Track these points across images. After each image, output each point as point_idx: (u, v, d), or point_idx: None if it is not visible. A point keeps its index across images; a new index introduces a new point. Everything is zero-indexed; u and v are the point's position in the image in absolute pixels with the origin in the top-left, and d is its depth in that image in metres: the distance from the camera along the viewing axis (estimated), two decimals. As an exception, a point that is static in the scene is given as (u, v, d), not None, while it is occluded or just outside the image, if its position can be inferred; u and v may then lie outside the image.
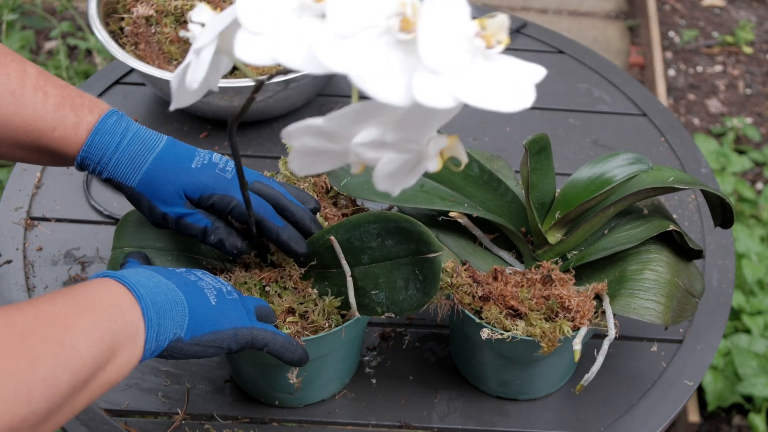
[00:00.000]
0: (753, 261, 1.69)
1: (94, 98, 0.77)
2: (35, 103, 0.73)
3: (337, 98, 1.20)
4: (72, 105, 0.74)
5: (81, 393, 0.58)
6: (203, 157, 0.77)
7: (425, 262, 0.73)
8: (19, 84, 0.73)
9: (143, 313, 0.64)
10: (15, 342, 0.54)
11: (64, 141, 0.74)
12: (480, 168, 0.85)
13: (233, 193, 0.76)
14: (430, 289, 0.73)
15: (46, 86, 0.74)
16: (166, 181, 0.75)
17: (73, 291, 0.62)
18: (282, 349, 0.72)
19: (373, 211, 0.76)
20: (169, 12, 1.08)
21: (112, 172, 0.75)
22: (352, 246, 0.76)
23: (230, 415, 0.86)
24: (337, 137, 0.47)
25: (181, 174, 0.75)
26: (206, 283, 0.71)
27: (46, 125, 0.73)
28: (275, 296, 0.77)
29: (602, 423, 0.87)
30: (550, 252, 0.84)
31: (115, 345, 0.61)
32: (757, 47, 2.45)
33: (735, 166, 1.96)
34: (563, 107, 1.21)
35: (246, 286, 0.77)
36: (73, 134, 0.74)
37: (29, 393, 0.53)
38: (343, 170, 0.83)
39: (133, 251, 0.77)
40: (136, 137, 0.75)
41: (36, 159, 0.76)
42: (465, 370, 0.90)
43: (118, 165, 0.75)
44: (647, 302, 0.77)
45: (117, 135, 0.75)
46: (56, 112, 0.73)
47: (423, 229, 0.73)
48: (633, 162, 0.83)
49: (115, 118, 0.75)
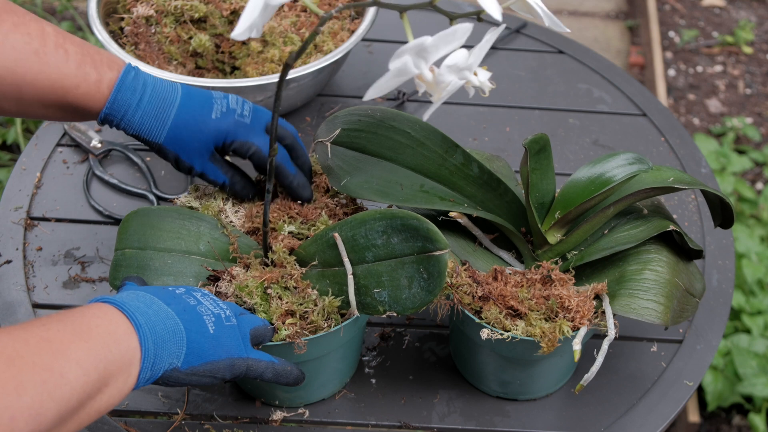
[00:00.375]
0: (753, 261, 1.69)
1: (110, 54, 0.79)
2: (58, 61, 0.75)
3: (337, 98, 1.20)
4: (92, 62, 0.76)
5: (69, 421, 0.57)
6: (221, 104, 0.80)
7: (431, 260, 0.73)
8: (41, 43, 0.74)
9: (140, 342, 0.63)
10: (2, 367, 0.53)
11: (87, 97, 0.76)
12: (480, 168, 0.85)
13: (253, 139, 0.80)
14: (434, 287, 0.73)
15: (65, 43, 0.75)
16: (191, 136, 0.79)
17: (69, 315, 0.61)
18: (276, 377, 0.73)
19: (380, 208, 0.76)
20: (169, 12, 1.08)
21: (138, 128, 0.79)
22: (357, 243, 0.76)
23: (230, 415, 0.86)
24: (425, 58, 0.59)
25: (203, 127, 0.79)
26: (205, 308, 0.70)
27: (70, 82, 0.75)
28: (276, 298, 0.77)
29: (602, 423, 0.87)
30: (550, 252, 0.84)
31: (108, 374, 0.60)
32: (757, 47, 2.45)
33: (735, 166, 1.96)
34: (563, 107, 1.21)
35: (247, 290, 0.77)
36: (96, 91, 0.77)
37: (12, 420, 0.52)
38: (343, 170, 0.83)
39: (131, 275, 0.77)
40: (155, 93, 0.79)
41: (59, 116, 0.79)
42: (465, 370, 0.90)
43: (142, 122, 0.78)
44: (647, 302, 0.77)
45: (137, 91, 0.78)
46: (78, 69, 0.76)
47: (430, 226, 0.73)
48: (633, 162, 0.83)
49: (134, 74, 0.79)
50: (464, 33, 0.59)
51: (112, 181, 1.07)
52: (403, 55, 0.58)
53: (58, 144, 1.12)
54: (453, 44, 0.59)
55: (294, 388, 0.84)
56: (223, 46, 1.10)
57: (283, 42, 1.10)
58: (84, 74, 0.76)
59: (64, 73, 0.75)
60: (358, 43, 1.09)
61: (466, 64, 0.60)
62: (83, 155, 1.11)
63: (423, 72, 0.60)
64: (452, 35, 0.58)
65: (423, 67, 0.59)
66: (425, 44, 0.58)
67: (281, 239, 0.81)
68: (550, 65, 1.28)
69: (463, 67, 0.61)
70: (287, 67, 0.66)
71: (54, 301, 0.95)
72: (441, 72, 0.60)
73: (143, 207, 0.83)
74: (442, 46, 0.59)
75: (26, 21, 0.74)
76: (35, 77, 0.74)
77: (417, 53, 0.58)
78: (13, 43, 0.72)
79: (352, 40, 1.08)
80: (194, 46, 1.09)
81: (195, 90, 0.81)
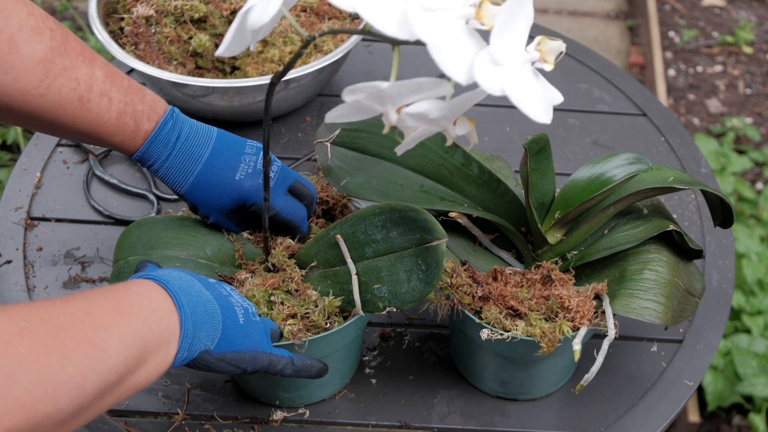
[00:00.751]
0: (753, 261, 1.69)
1: (154, 100, 0.80)
2: (100, 109, 0.76)
3: (337, 98, 1.20)
4: (133, 113, 0.78)
5: (108, 395, 0.58)
6: (248, 164, 0.81)
7: (428, 250, 0.73)
8: (86, 89, 0.75)
9: (181, 322, 0.64)
10: (47, 338, 0.54)
11: (122, 145, 0.79)
12: (480, 168, 0.85)
13: (274, 202, 0.81)
14: (432, 278, 0.73)
15: (111, 91, 0.77)
16: (211, 195, 0.81)
17: (112, 291, 0.62)
18: (296, 372, 0.74)
19: (378, 203, 0.76)
20: (169, 12, 1.08)
21: (164, 177, 0.81)
22: (357, 240, 0.76)
23: (230, 415, 0.86)
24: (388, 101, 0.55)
25: (225, 189, 0.81)
26: (235, 300, 0.72)
27: (108, 131, 0.77)
28: (279, 304, 0.77)
29: (602, 423, 0.87)
30: (549, 252, 0.84)
31: (147, 350, 0.60)
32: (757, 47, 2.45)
33: (735, 166, 1.96)
34: (563, 107, 1.21)
35: (255, 300, 0.77)
36: (131, 141, 0.79)
37: (56, 391, 0.53)
38: (343, 171, 0.83)
39: (148, 261, 0.77)
40: (186, 146, 0.80)
41: (96, 144, 0.81)
42: (465, 370, 0.90)
43: (168, 174, 0.81)
44: (647, 302, 0.77)
45: (169, 145, 0.80)
46: (118, 119, 0.77)
47: (428, 216, 0.73)
48: (633, 162, 0.83)
49: (171, 125, 0.80)
50: (430, 86, 0.55)
51: (112, 181, 1.07)
52: (357, 93, 0.54)
53: (58, 144, 1.12)
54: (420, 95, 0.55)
55: (294, 389, 0.84)
56: (223, 46, 1.10)
57: (283, 42, 1.10)
58: (122, 124, 0.78)
59: (104, 122, 0.77)
60: (358, 43, 1.09)
61: (434, 116, 0.56)
62: (83, 155, 1.11)
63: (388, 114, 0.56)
64: (416, 86, 0.54)
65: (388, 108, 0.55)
66: (381, 89, 0.54)
67: (280, 242, 0.82)
68: (550, 65, 1.27)
69: (432, 119, 0.56)
70: (272, 86, 0.66)
71: (54, 301, 0.95)
72: (403, 118, 0.56)
73: (144, 218, 0.84)
74: (406, 94, 0.55)
75: (77, 64, 0.75)
76: (75, 121, 0.76)
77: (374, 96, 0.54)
78: (59, 88, 0.74)
79: (352, 40, 1.08)
80: (194, 46, 1.09)
81: (228, 143, 0.82)
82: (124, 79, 0.79)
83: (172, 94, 1.08)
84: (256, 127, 1.16)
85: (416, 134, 0.58)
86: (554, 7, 2.58)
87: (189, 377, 0.89)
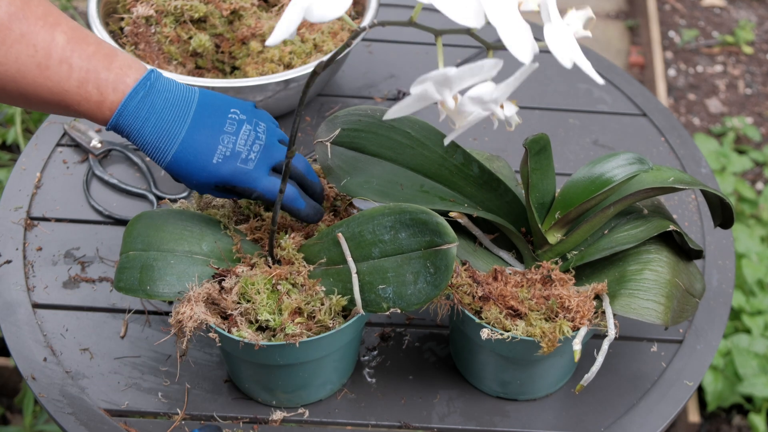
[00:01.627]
0: (753, 261, 1.69)
1: (123, 67, 0.76)
2: (60, 77, 0.74)
3: (337, 98, 1.20)
4: (96, 81, 0.74)
5: None
6: (227, 144, 0.77)
7: (438, 254, 0.73)
8: (45, 56, 0.73)
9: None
10: None
11: (90, 115, 0.76)
12: (480, 168, 0.85)
13: (255, 185, 0.78)
14: (441, 282, 0.73)
15: (72, 58, 0.74)
16: (191, 174, 0.78)
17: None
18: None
19: (387, 204, 0.76)
20: (169, 12, 1.08)
21: (143, 150, 0.78)
22: (364, 239, 0.76)
23: (230, 415, 0.86)
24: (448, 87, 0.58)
25: (202, 172, 0.77)
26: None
27: (72, 99, 0.75)
28: (285, 294, 0.77)
29: (602, 423, 0.87)
30: (550, 252, 0.84)
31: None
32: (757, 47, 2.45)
33: (735, 166, 1.96)
34: (563, 107, 1.21)
35: (255, 288, 0.77)
36: (98, 110, 0.75)
37: None
38: (343, 170, 0.83)
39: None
40: (160, 122, 0.76)
41: (70, 115, 0.78)
42: (465, 370, 0.90)
43: (145, 147, 0.77)
44: (647, 302, 0.77)
45: (139, 120, 0.76)
46: (79, 88, 0.74)
47: (440, 220, 0.73)
48: (633, 162, 0.83)
49: (140, 97, 0.76)
50: (491, 68, 0.58)
51: (112, 181, 1.07)
52: (426, 81, 0.58)
53: (58, 144, 1.12)
54: (479, 77, 0.58)
55: (292, 389, 0.84)
56: (223, 46, 1.10)
57: (282, 42, 1.10)
58: (86, 93, 0.75)
59: (66, 90, 0.74)
60: (358, 43, 1.09)
61: (491, 97, 0.59)
62: (83, 155, 1.11)
63: (446, 100, 0.59)
64: (479, 69, 0.58)
65: (446, 95, 0.59)
66: (449, 75, 0.57)
67: (292, 236, 0.81)
68: (550, 65, 1.28)
69: (487, 101, 0.60)
70: (315, 74, 0.67)
71: (54, 301, 0.95)
72: (463, 102, 0.59)
73: (147, 210, 0.83)
74: (467, 77, 0.58)
75: (36, 30, 0.73)
76: (37, 90, 0.74)
77: (440, 83, 0.58)
78: (17, 55, 0.72)
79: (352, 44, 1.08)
80: (194, 46, 1.09)
81: (207, 119, 0.78)
82: (91, 44, 0.75)
83: (172, 94, 1.08)
84: (256, 127, 1.16)
85: (467, 121, 0.61)
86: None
87: (189, 377, 0.89)
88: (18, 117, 1.74)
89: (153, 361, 0.90)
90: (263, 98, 1.07)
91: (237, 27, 1.10)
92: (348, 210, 0.88)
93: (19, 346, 0.90)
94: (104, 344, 0.92)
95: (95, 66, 0.74)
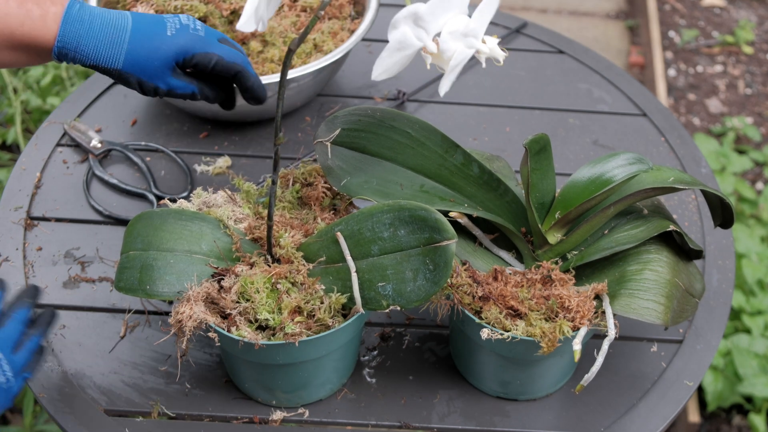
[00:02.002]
0: (753, 261, 1.69)
1: None
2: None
3: (337, 98, 1.20)
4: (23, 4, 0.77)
5: None
6: (173, 22, 0.81)
7: (437, 250, 0.73)
8: None
9: None
10: None
11: (35, 34, 0.77)
12: (480, 168, 0.85)
13: (212, 50, 0.81)
14: (440, 278, 0.73)
15: None
16: (149, 56, 0.79)
17: None
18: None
19: (386, 202, 0.76)
20: (169, 12, 1.08)
21: (94, 57, 0.79)
22: (363, 237, 0.76)
23: (230, 415, 0.86)
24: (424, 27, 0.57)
25: (161, 45, 0.79)
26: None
27: (14, 21, 0.76)
28: (284, 293, 0.77)
29: (602, 423, 0.87)
30: (550, 252, 0.84)
31: None
32: (757, 47, 2.45)
33: (735, 166, 1.96)
34: (563, 107, 1.21)
35: (255, 287, 0.77)
36: (42, 26, 0.77)
37: None
38: (343, 170, 0.83)
39: None
40: (105, 21, 0.79)
41: (15, 59, 0.79)
42: (465, 370, 0.90)
43: (97, 50, 0.78)
44: (647, 302, 0.77)
45: (85, 21, 0.78)
46: (20, 8, 0.76)
47: (438, 216, 0.73)
48: (633, 162, 0.83)
49: (78, 6, 0.79)
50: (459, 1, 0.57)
51: (112, 181, 1.07)
52: (399, 24, 0.56)
53: (58, 144, 1.12)
54: (450, 11, 0.57)
55: (293, 388, 0.84)
56: (223, 46, 1.10)
57: (282, 42, 1.10)
58: (26, 11, 0.76)
59: (6, 12, 0.76)
60: (358, 43, 1.09)
61: (468, 29, 0.58)
62: (83, 155, 1.11)
63: (426, 43, 0.58)
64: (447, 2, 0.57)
65: (425, 38, 0.58)
66: (419, 12, 0.56)
67: (291, 235, 0.81)
68: (550, 65, 1.28)
69: (466, 33, 0.59)
70: (290, 53, 0.66)
71: (54, 301, 0.95)
72: (444, 39, 0.58)
73: (147, 210, 0.83)
74: (438, 12, 0.57)
75: None
76: None
77: (413, 21, 0.57)
78: None
79: (352, 40, 1.08)
80: (194, 46, 1.09)
81: (145, 14, 0.81)
82: None
83: (172, 94, 1.08)
84: (256, 126, 1.16)
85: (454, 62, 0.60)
86: (554, 6, 2.58)
87: (188, 377, 0.89)
88: (18, 117, 1.74)
89: (153, 361, 0.90)
90: (263, 98, 1.07)
91: (237, 27, 1.10)
92: (348, 209, 0.88)
93: (19, 346, 0.90)
94: (104, 344, 0.92)
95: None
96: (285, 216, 0.84)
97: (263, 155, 1.12)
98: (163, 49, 0.79)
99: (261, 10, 0.63)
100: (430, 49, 0.58)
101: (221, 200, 0.87)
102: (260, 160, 1.11)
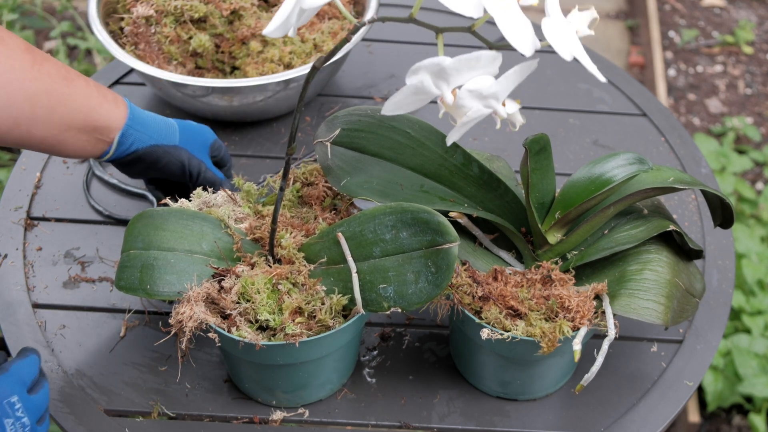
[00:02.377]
0: (753, 261, 1.69)
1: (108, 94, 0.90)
2: (80, 84, 0.85)
3: (337, 98, 1.20)
4: (105, 92, 0.87)
5: None
6: None
7: (439, 253, 0.73)
8: (67, 70, 0.84)
9: None
10: None
11: (109, 114, 0.87)
12: (480, 168, 0.85)
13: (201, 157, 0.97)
14: (442, 281, 0.73)
15: (78, 78, 0.85)
16: (195, 135, 0.95)
17: None
18: None
19: (388, 204, 0.76)
20: (169, 12, 1.08)
21: (156, 137, 0.91)
22: (365, 239, 0.76)
23: (230, 415, 0.86)
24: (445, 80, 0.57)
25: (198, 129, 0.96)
26: None
27: (95, 102, 0.85)
28: (285, 294, 0.77)
29: (602, 423, 0.87)
30: (550, 252, 0.84)
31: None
32: (757, 47, 2.45)
33: (735, 166, 1.96)
34: (563, 107, 1.21)
35: (255, 287, 0.77)
36: (114, 108, 0.87)
37: None
38: (343, 170, 0.83)
39: None
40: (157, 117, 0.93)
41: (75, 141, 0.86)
42: (465, 370, 0.90)
43: (159, 131, 0.91)
44: (647, 302, 0.77)
45: (145, 114, 0.91)
46: (99, 91, 0.86)
47: (441, 219, 0.73)
48: (633, 162, 0.83)
49: (133, 109, 0.90)
50: (489, 60, 0.56)
51: (112, 181, 1.07)
52: (419, 71, 0.56)
53: (58, 144, 1.12)
54: (476, 70, 0.57)
55: (293, 388, 0.84)
56: (223, 46, 1.10)
57: (282, 42, 1.10)
58: (104, 94, 0.86)
59: (87, 94, 0.84)
60: (358, 43, 1.09)
61: (490, 91, 0.58)
62: (83, 155, 1.11)
63: (444, 94, 0.57)
64: (475, 60, 0.56)
65: (444, 88, 0.57)
66: (443, 65, 0.55)
67: (292, 236, 0.81)
68: (550, 65, 1.28)
69: (486, 95, 0.58)
70: (315, 70, 0.67)
71: (54, 301, 0.95)
72: (461, 95, 0.57)
73: (148, 209, 0.83)
74: (464, 70, 0.57)
75: (48, 57, 0.84)
76: (65, 100, 0.82)
77: (435, 73, 0.56)
78: (48, 70, 0.81)
79: (352, 40, 1.08)
80: (194, 46, 1.09)
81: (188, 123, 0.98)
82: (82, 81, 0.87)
83: (172, 94, 1.08)
84: (256, 126, 1.16)
85: (468, 117, 0.59)
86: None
87: (188, 377, 0.89)
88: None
89: (153, 361, 0.90)
90: (263, 98, 1.07)
91: (237, 27, 1.10)
92: (348, 210, 0.88)
93: (19, 346, 0.90)
94: (104, 344, 0.91)
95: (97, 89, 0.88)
96: (286, 215, 0.84)
97: (263, 155, 1.12)
98: (200, 132, 0.96)
99: (292, 20, 0.64)
100: (448, 101, 0.58)
101: (221, 200, 0.87)
102: (260, 160, 1.11)
